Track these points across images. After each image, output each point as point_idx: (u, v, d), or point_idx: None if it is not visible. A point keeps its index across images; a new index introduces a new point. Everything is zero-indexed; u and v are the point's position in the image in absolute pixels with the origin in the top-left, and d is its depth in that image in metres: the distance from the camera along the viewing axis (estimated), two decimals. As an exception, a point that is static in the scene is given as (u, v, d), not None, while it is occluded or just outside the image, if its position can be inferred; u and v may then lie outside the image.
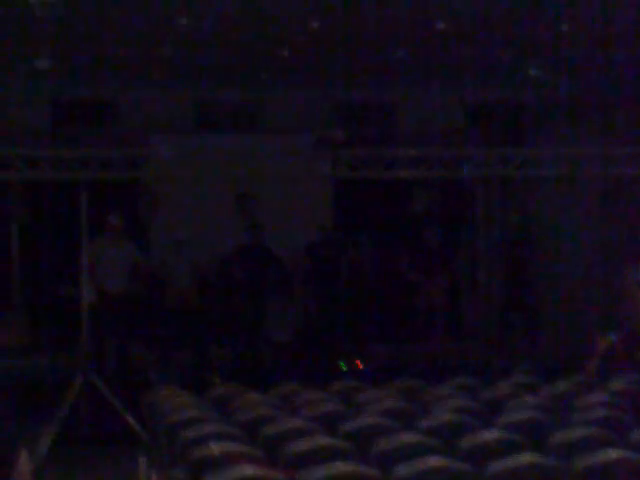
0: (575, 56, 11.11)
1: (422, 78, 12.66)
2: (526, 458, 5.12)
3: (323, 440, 5.61)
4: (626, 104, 11.64)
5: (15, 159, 10.05)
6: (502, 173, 11.71)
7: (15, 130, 12.17)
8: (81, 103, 13.12)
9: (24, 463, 4.70)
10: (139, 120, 13.09)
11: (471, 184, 14.49)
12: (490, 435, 5.75)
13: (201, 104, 13.64)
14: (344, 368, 10.96)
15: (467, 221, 14.73)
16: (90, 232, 10.06)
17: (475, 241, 14.73)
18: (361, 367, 10.97)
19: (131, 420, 9.08)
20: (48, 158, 10.22)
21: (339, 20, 10.04)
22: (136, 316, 11.64)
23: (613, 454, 5.14)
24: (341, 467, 4.93)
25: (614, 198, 10.97)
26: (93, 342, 10.02)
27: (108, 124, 13.06)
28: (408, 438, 5.67)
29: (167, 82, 12.63)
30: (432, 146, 12.29)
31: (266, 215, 12.36)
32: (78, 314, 10.06)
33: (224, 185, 12.31)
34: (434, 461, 5.06)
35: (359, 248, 12.76)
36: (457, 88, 13.12)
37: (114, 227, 11.14)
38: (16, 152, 10.15)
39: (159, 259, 11.98)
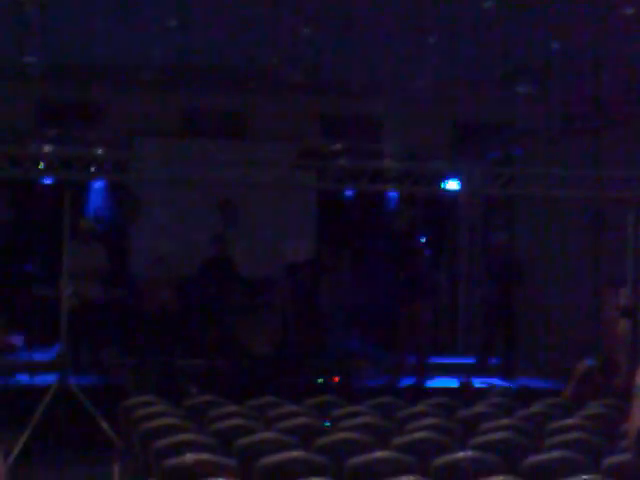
0: (565, 74, 11.19)
1: (408, 92, 12.72)
2: (499, 479, 5.12)
3: (297, 453, 5.61)
4: (615, 127, 11.70)
5: (-1, 157, 10.02)
6: (487, 191, 11.74)
7: (0, 129, 12.13)
8: (67, 104, 13.08)
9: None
10: (125, 123, 13.06)
11: (455, 201, 14.53)
12: (464, 455, 5.76)
13: (187, 109, 13.62)
14: (321, 382, 10.94)
15: (450, 239, 14.76)
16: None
17: (457, 259, 14.75)
18: (339, 383, 10.94)
19: (106, 426, 9.03)
20: (32, 157, 10.17)
21: (329, 28, 10.08)
22: (112, 322, 11.59)
23: (585, 477, 5.15)
24: (314, 482, 4.93)
25: (601, 221, 11.01)
26: (70, 346, 9.95)
27: (93, 126, 13.01)
28: (382, 455, 5.67)
29: (154, 86, 12.62)
30: (417, 161, 12.34)
31: (249, 222, 12.35)
32: (56, 316, 10.01)
33: (208, 190, 12.30)
34: (407, 478, 5.05)
35: (341, 262, 12.74)
36: (445, 104, 13.17)
37: (85, 231, 11.09)
38: (0, 150, 10.11)
39: (143, 266, 11.95)
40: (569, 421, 7.09)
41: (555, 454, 5.84)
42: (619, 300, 11.46)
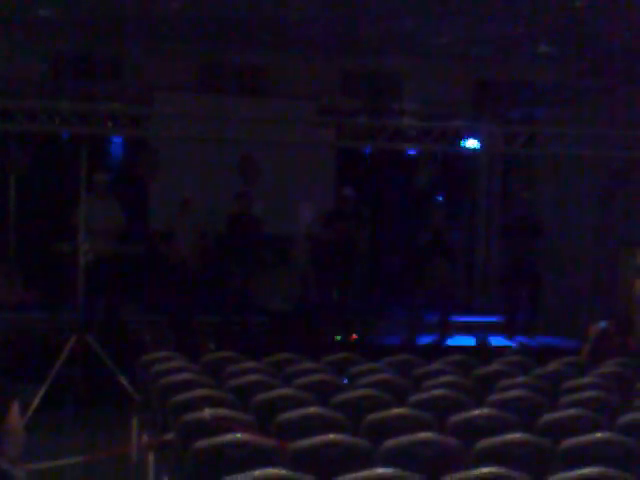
0: (586, 35, 11.05)
1: (428, 50, 12.61)
2: (515, 436, 5.15)
3: (315, 410, 5.64)
4: (635, 86, 11.57)
5: (15, 111, 10.01)
6: (507, 150, 11.67)
7: (16, 82, 12.10)
8: (84, 58, 13.02)
9: (16, 417, 4.73)
10: (143, 78, 13.01)
11: (475, 159, 14.47)
12: (480, 412, 5.79)
13: (207, 65, 13.55)
14: (339, 339, 10.98)
15: (469, 198, 14.71)
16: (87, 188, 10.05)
17: (475, 216, 14.72)
18: (357, 340, 10.98)
19: (124, 381, 9.11)
20: (48, 111, 10.15)
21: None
22: (129, 278, 11.64)
23: (600, 436, 5.17)
24: (331, 437, 4.96)
25: (620, 180, 10.90)
26: (86, 301, 10.01)
27: (111, 80, 12.96)
28: (399, 412, 5.70)
29: (173, 41, 12.55)
30: (437, 119, 12.26)
31: (268, 180, 12.32)
32: (73, 272, 10.06)
33: (227, 146, 12.27)
34: (423, 435, 5.09)
35: (360, 221, 12.70)
36: (466, 62, 13.05)
37: (100, 185, 11.06)
38: (16, 104, 10.10)
39: (164, 219, 11.95)
40: (585, 379, 7.11)
41: (570, 412, 5.85)
42: (635, 260, 11.42)
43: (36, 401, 8.78)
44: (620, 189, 11.03)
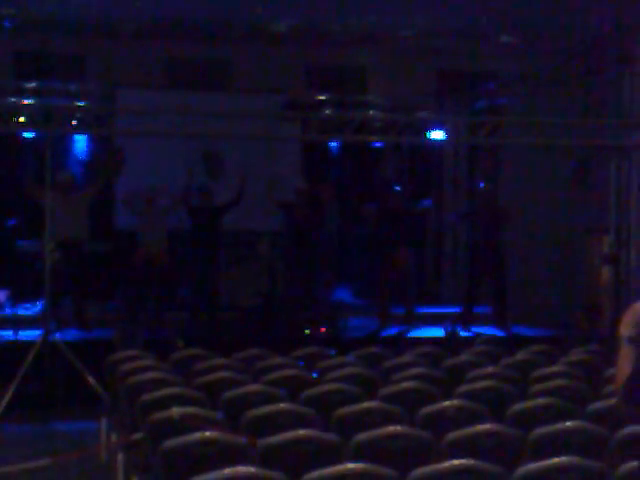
0: (549, 25, 11.10)
1: (392, 43, 12.61)
2: (484, 427, 5.16)
3: (284, 405, 5.62)
4: (598, 76, 11.64)
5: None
6: (472, 141, 11.71)
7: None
8: (46, 57, 12.87)
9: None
10: (106, 75, 12.89)
11: (440, 150, 14.50)
12: (450, 404, 5.80)
13: (170, 61, 13.46)
14: (308, 333, 10.96)
15: (435, 188, 14.74)
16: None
17: (442, 208, 14.76)
18: (325, 333, 10.96)
19: (92, 381, 9.03)
20: (11, 111, 10.04)
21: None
22: (97, 276, 11.55)
23: (569, 424, 5.20)
24: (301, 433, 4.95)
25: (584, 168, 10.98)
26: (54, 301, 9.91)
27: (74, 78, 12.83)
28: (369, 405, 5.70)
29: (136, 37, 12.45)
30: (402, 111, 12.27)
31: (234, 175, 12.25)
32: (40, 271, 9.97)
33: (192, 142, 12.19)
34: (393, 429, 5.09)
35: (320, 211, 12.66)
36: (430, 54, 13.07)
37: (64, 184, 10.95)
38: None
39: (128, 217, 11.85)
40: (553, 368, 7.14)
41: (540, 401, 5.88)
42: (602, 248, 11.50)
43: (2, 404, 8.68)
44: (585, 177, 11.10)
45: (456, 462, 4.45)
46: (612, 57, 11.29)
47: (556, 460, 4.47)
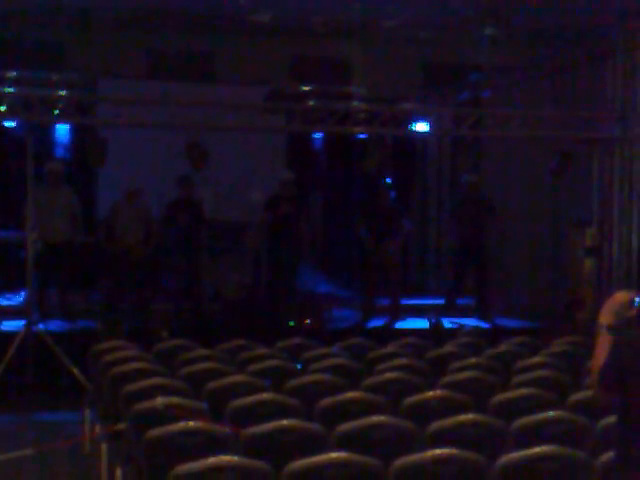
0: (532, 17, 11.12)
1: (376, 34, 12.61)
2: (467, 417, 5.20)
3: (268, 396, 5.64)
4: (581, 68, 11.68)
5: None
6: (455, 133, 11.72)
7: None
8: (28, 46, 12.79)
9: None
10: (88, 65, 12.83)
11: (424, 143, 14.52)
12: (433, 394, 5.83)
13: (153, 51, 13.40)
14: (292, 325, 10.97)
15: (419, 180, 14.76)
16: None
17: (426, 200, 14.79)
18: (310, 325, 10.97)
19: (76, 371, 9.02)
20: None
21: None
22: (81, 266, 11.50)
23: (551, 414, 5.24)
24: (285, 423, 4.97)
25: (567, 161, 11.00)
26: (37, 291, 9.88)
27: (55, 68, 12.75)
28: (353, 395, 5.72)
29: (119, 27, 12.39)
30: (386, 103, 12.27)
31: (217, 166, 12.23)
32: (23, 261, 9.93)
33: (175, 133, 12.14)
34: (377, 419, 5.11)
35: (311, 205, 12.69)
36: (414, 46, 13.07)
37: (54, 174, 10.91)
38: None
39: (110, 207, 11.82)
40: (535, 359, 7.18)
41: (522, 391, 5.92)
42: (585, 240, 11.55)
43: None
44: (568, 170, 11.12)
45: (439, 451, 4.48)
46: (595, 49, 11.33)
47: (538, 449, 4.51)
